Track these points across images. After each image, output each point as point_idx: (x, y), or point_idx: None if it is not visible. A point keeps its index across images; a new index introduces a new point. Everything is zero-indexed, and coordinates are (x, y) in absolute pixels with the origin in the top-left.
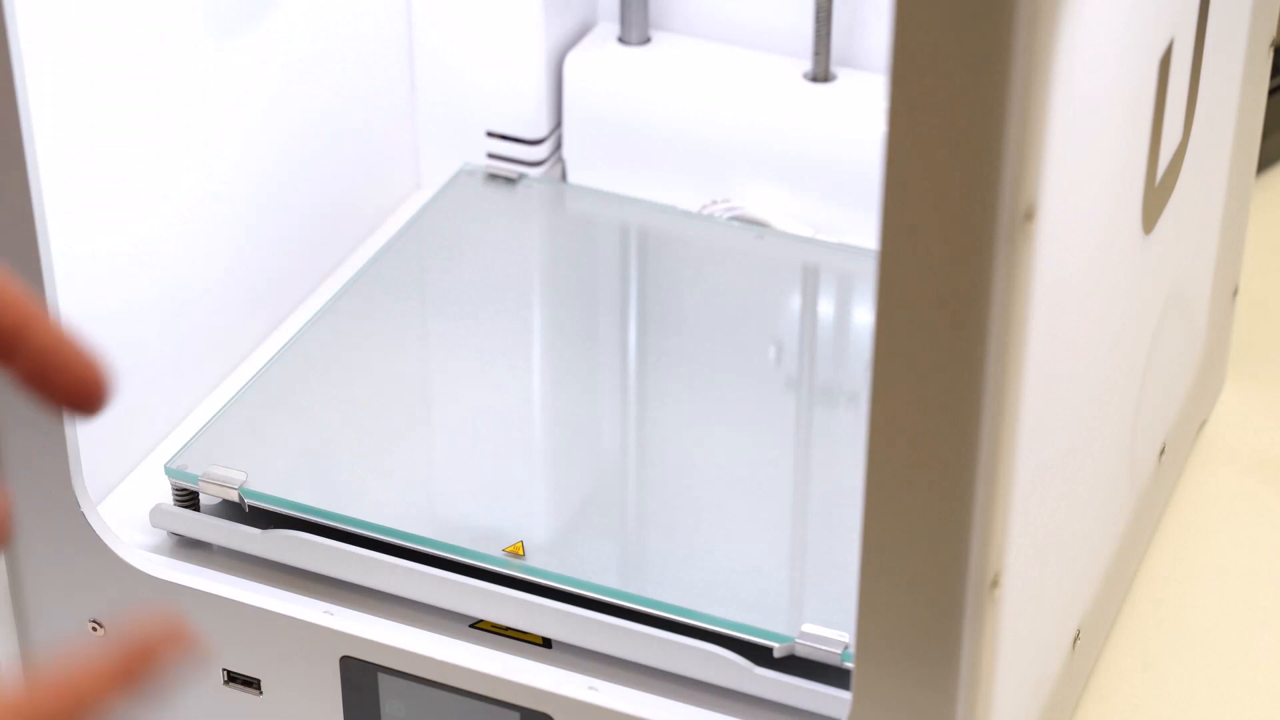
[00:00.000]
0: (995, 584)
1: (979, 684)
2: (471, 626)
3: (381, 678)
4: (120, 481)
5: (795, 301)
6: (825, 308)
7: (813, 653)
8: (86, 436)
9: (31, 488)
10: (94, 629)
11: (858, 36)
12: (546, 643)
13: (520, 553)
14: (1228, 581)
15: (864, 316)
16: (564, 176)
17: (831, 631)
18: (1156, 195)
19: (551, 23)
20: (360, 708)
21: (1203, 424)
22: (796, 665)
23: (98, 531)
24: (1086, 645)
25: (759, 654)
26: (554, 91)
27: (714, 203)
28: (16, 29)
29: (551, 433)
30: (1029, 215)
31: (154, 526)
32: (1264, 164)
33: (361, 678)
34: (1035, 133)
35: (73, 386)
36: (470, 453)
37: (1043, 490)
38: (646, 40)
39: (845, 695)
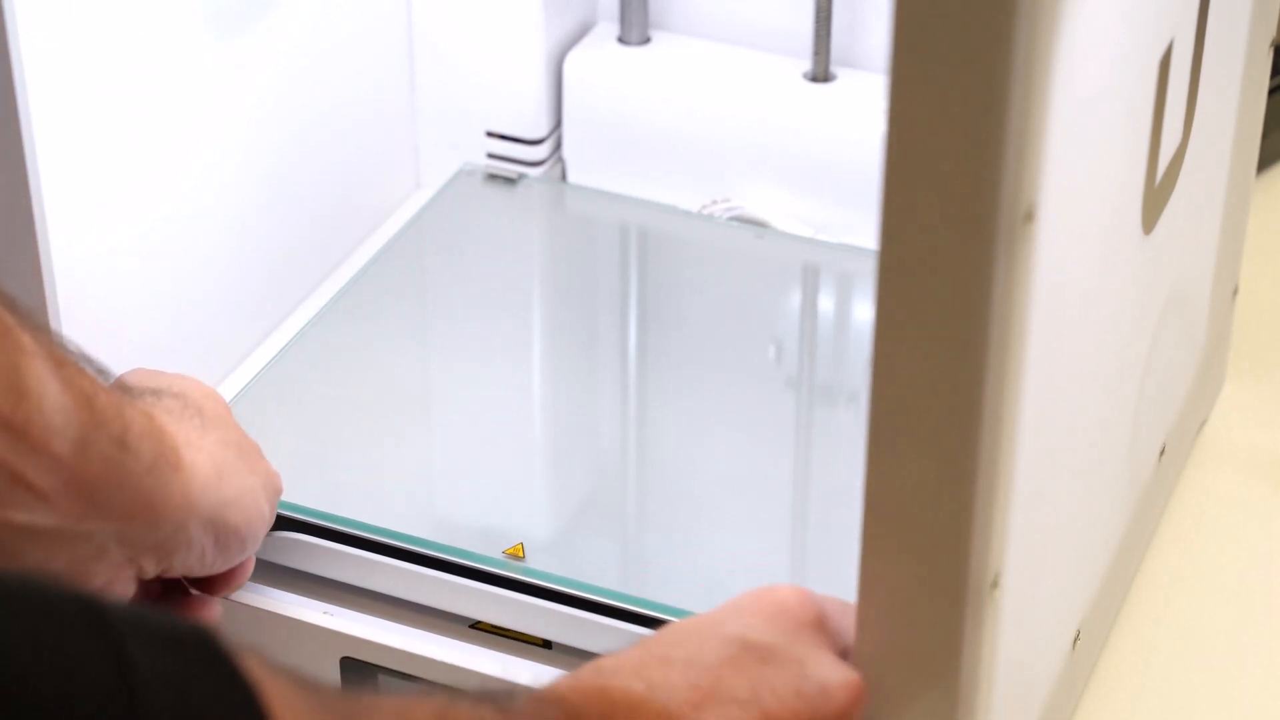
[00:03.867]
0: (995, 584)
1: (979, 684)
2: (471, 628)
3: (381, 678)
4: None
5: (795, 301)
6: (825, 308)
7: None
8: None
9: None
10: None
11: (858, 36)
12: (547, 644)
13: (520, 554)
14: (1228, 581)
15: (864, 316)
16: (564, 176)
17: None
18: (1156, 195)
19: (551, 23)
20: None
21: (1203, 424)
22: None
23: None
24: (1086, 645)
25: None
26: (554, 91)
27: (714, 203)
28: (17, 28)
29: (551, 433)
30: (1029, 216)
31: None
32: (1264, 164)
33: (361, 678)
34: (1035, 133)
35: None
36: (470, 453)
37: (1043, 490)
38: (646, 40)
39: None
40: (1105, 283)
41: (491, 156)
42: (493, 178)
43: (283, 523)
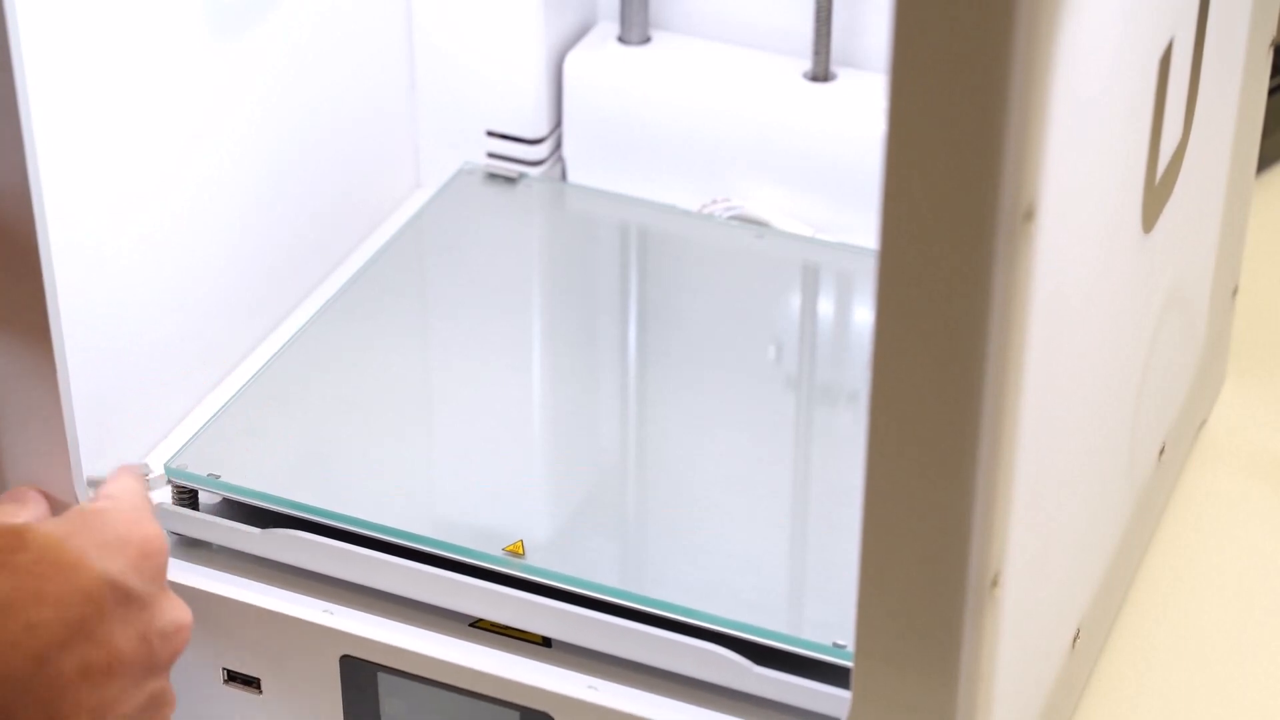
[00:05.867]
0: (995, 584)
1: (979, 684)
2: (471, 626)
3: (381, 677)
4: None
5: (795, 301)
6: (825, 308)
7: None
8: (86, 436)
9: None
10: None
11: (858, 36)
12: (546, 642)
13: (520, 552)
14: (1227, 581)
15: (864, 316)
16: (564, 176)
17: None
18: (1156, 195)
19: (551, 22)
20: (360, 707)
21: (1202, 423)
22: (796, 665)
23: None
24: (1086, 645)
25: (759, 654)
26: (554, 91)
27: (714, 202)
28: (17, 27)
29: (551, 432)
30: (1029, 215)
31: None
32: (1264, 164)
33: (361, 677)
34: (1035, 133)
35: None
36: (470, 452)
37: (1043, 490)
38: (646, 40)
39: (845, 695)
40: (1105, 282)
41: (492, 156)
42: (493, 177)
43: (283, 521)
